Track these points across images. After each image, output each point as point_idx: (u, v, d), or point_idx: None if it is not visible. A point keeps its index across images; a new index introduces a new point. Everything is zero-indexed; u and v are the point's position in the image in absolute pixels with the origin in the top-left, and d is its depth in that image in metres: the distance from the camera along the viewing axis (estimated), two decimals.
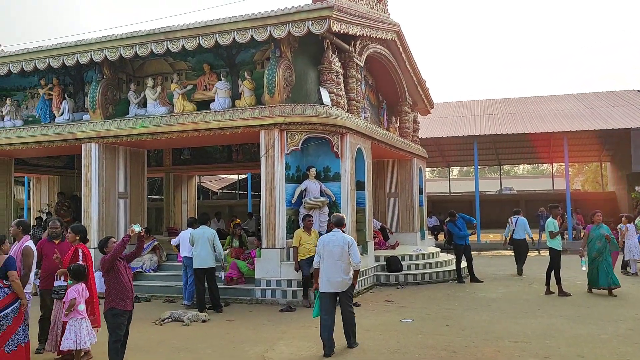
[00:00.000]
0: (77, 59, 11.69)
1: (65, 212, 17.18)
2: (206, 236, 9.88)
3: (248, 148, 18.81)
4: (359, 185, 11.96)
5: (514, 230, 14.05)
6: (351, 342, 7.16)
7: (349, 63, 12.17)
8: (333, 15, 10.04)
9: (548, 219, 11.27)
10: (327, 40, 11.26)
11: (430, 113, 19.64)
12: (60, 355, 6.81)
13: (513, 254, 14.43)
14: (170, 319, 8.97)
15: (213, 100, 11.63)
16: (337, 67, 11.58)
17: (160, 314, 9.22)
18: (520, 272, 13.78)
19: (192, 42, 10.82)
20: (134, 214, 13.02)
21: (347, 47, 11.97)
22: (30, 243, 7.00)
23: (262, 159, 10.78)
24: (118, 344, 6.21)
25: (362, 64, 12.80)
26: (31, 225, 10.95)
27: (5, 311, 6.05)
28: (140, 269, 11.78)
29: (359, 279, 11.20)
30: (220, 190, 38.80)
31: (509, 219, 14.44)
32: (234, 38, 10.53)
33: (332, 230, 7.41)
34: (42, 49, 11.99)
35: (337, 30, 10.51)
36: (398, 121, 16.84)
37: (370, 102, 15.10)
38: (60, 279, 7.07)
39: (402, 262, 12.77)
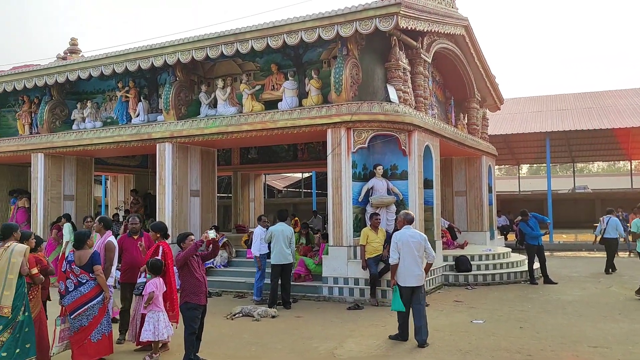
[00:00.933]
0: (152, 62, 12.17)
1: (134, 208, 17.92)
2: (285, 234, 10.00)
3: (313, 147, 18.97)
4: (427, 184, 11.79)
5: (604, 229, 14.15)
6: (423, 339, 7.15)
7: (417, 60, 12.02)
8: (401, 12, 9.95)
9: (634, 220, 10.83)
10: (394, 37, 11.16)
11: (499, 109, 19.08)
12: (140, 346, 7.12)
13: (596, 254, 14.02)
14: (241, 314, 9.19)
15: (280, 100, 11.81)
16: (405, 64, 11.46)
17: (231, 308, 9.47)
18: (608, 270, 13.72)
19: (261, 42, 11.02)
20: (205, 212, 13.42)
21: (415, 43, 11.82)
22: (112, 238, 7.38)
23: (329, 157, 10.83)
24: (193, 337, 6.43)
25: (429, 61, 12.61)
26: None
27: (92, 302, 6.41)
28: (211, 265, 12.12)
29: (426, 279, 11.14)
30: (285, 189, 39.36)
31: (601, 218, 14.62)
32: (301, 38, 10.64)
33: (404, 227, 7.56)
34: (120, 53, 12.56)
35: (404, 27, 10.40)
36: (466, 118, 16.47)
37: (437, 99, 14.84)
38: (142, 276, 7.38)
39: (472, 262, 12.48)
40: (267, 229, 10.72)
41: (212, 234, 6.57)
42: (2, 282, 5.93)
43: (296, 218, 14.54)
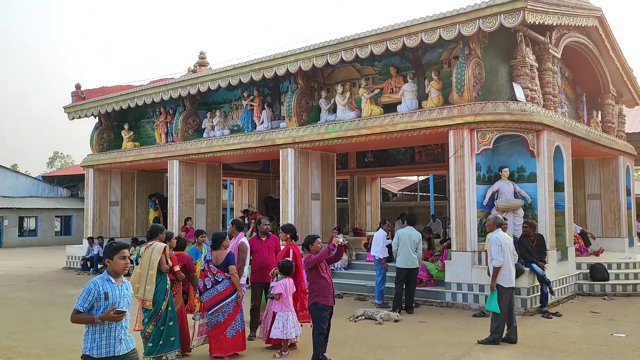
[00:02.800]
0: (275, 71, 12.68)
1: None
2: (412, 238, 9.93)
3: (431, 149, 18.64)
4: (557, 186, 11.10)
5: None
6: (517, 338, 7.47)
7: (544, 55, 11.38)
8: (527, 6, 9.49)
9: None
10: (520, 33, 10.67)
11: (638, 104, 17.47)
12: (269, 344, 7.41)
13: None
14: (363, 317, 9.25)
15: (399, 103, 11.76)
16: (532, 60, 10.91)
17: (353, 311, 9.55)
18: None
19: (380, 46, 11.06)
20: (325, 214, 13.71)
21: (542, 38, 11.21)
22: (244, 240, 7.78)
23: (451, 160, 10.57)
24: (322, 337, 6.57)
25: (558, 56, 11.87)
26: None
27: (227, 300, 6.80)
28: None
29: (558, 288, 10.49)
30: (400, 192, 39.00)
31: None
32: (421, 39, 10.52)
33: (495, 230, 7.72)
34: (245, 64, 13.24)
35: (531, 22, 9.90)
36: (600, 115, 15.29)
37: (567, 96, 13.94)
38: (274, 280, 7.70)
39: (609, 271, 11.53)
40: (389, 232, 10.70)
41: (340, 239, 6.75)
42: (145, 277, 6.46)
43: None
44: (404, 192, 39.11)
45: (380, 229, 10.84)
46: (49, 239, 33.31)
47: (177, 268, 6.82)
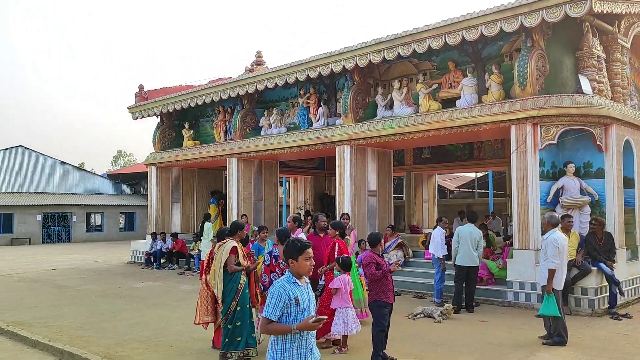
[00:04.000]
0: (332, 68, 12.71)
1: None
2: (473, 236, 9.74)
3: (491, 145, 18.19)
4: (627, 183, 10.61)
5: None
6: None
7: (612, 46, 10.88)
8: None
9: None
10: (587, 23, 10.24)
11: None
12: (323, 340, 7.40)
13: None
14: (422, 315, 9.15)
15: (458, 98, 11.54)
16: (599, 51, 10.46)
17: (411, 309, 9.47)
18: None
19: (438, 41, 10.88)
20: (382, 211, 13.64)
21: (610, 28, 10.72)
22: (302, 235, 7.86)
23: (513, 156, 10.29)
24: (382, 334, 6.55)
25: (628, 46, 11.32)
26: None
27: None
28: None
29: (627, 289, 10.04)
30: (457, 189, 38.29)
31: None
32: (481, 32, 10.28)
33: (550, 231, 7.49)
34: (302, 62, 13.34)
35: (598, 11, 9.48)
36: None
37: (636, 88, 13.26)
38: (321, 278, 7.74)
39: None
40: (447, 230, 10.53)
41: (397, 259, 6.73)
42: (217, 275, 6.59)
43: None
44: (461, 189, 38.39)
45: (438, 226, 10.69)
46: (113, 235, 34.76)
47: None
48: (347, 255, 7.44)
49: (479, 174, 33.33)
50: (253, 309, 7.69)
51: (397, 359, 6.60)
